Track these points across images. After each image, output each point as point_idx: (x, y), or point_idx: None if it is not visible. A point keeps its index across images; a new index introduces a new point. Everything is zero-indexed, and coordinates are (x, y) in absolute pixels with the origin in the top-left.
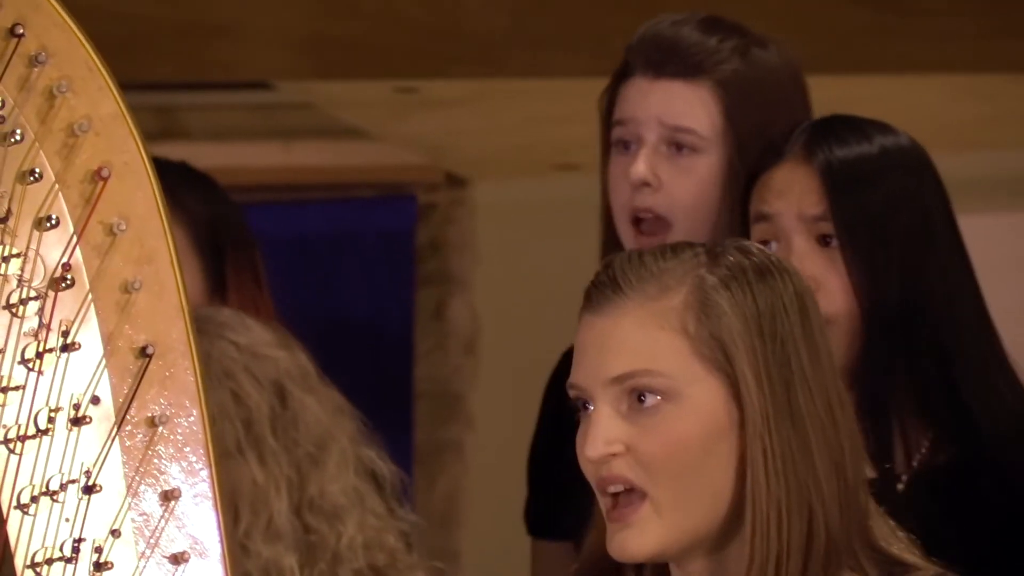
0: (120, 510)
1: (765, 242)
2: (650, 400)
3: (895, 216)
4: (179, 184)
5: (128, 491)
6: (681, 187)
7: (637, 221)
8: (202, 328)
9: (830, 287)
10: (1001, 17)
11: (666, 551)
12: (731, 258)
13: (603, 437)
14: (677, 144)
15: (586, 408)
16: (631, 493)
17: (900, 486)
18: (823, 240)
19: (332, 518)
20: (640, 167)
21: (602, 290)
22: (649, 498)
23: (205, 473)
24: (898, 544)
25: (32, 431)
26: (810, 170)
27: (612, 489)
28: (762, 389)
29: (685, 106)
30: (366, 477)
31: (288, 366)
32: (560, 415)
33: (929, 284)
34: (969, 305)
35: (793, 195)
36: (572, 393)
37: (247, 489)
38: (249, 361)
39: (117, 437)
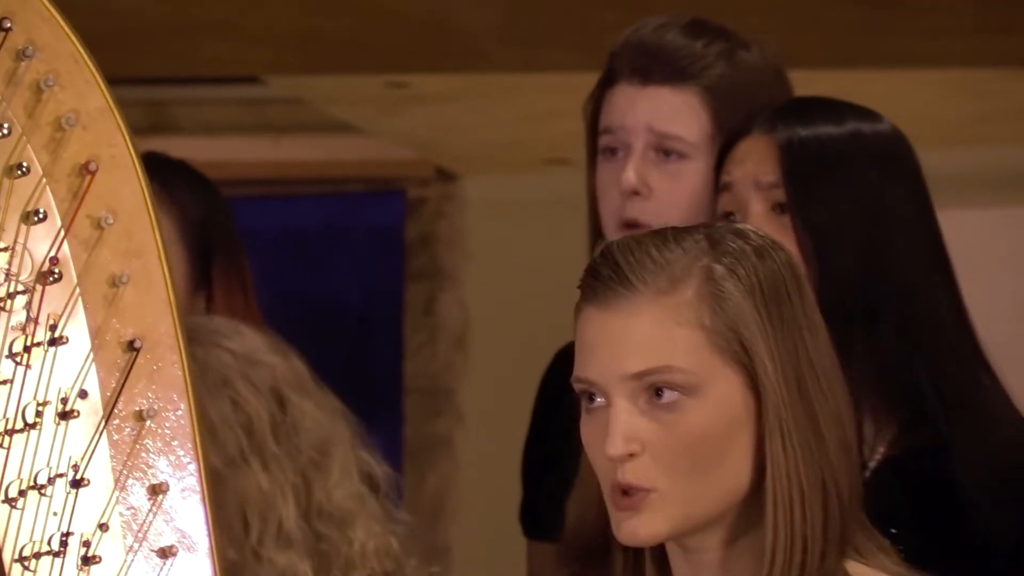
0: (108, 504)
1: (728, 214)
2: (668, 395)
3: (851, 198)
4: (175, 178)
5: (116, 485)
6: (671, 193)
7: (627, 227)
8: (195, 337)
9: None
10: (994, 13)
11: (676, 534)
12: (732, 245)
13: (623, 434)
14: (665, 150)
15: (592, 399)
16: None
17: (866, 472)
18: (778, 208)
19: (341, 524)
20: (630, 175)
21: (607, 283)
22: (659, 492)
23: (193, 467)
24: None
25: (20, 425)
26: (770, 141)
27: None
28: (778, 375)
29: (673, 112)
30: (364, 480)
31: (284, 371)
32: (554, 415)
33: (893, 272)
34: (939, 296)
35: (751, 163)
36: (579, 387)
37: (254, 496)
38: (245, 368)
39: (105, 431)
